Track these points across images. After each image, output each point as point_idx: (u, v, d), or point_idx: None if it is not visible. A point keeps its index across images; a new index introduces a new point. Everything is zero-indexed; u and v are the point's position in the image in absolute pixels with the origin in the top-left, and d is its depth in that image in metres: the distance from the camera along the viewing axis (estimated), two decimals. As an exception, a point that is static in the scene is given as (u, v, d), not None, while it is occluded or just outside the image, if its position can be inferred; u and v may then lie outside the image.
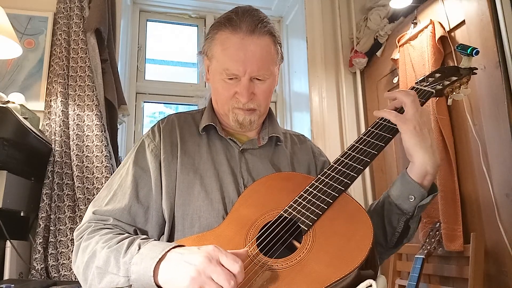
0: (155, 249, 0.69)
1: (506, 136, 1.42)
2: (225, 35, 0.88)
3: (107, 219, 0.83)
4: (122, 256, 0.71)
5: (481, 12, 1.55)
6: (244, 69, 0.86)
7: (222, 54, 0.88)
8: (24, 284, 1.32)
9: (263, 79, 0.89)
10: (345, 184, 0.77)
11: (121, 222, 0.84)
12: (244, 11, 0.88)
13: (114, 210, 0.84)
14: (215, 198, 0.86)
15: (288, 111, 2.67)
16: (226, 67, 0.87)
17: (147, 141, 0.94)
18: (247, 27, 0.86)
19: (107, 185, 0.91)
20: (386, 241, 0.89)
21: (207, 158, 0.92)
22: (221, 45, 0.88)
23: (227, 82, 0.89)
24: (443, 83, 0.93)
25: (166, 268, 0.66)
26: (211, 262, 0.62)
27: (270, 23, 0.90)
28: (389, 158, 2.11)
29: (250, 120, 0.92)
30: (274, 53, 0.91)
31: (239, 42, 0.86)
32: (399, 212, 0.84)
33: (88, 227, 0.82)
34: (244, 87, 0.87)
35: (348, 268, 0.63)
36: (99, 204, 0.87)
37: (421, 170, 0.80)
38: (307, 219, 0.73)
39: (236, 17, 0.87)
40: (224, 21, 0.88)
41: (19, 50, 1.74)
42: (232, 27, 0.87)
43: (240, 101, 0.89)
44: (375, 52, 2.25)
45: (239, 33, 0.86)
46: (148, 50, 2.64)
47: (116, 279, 0.70)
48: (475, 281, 1.43)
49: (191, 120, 1.00)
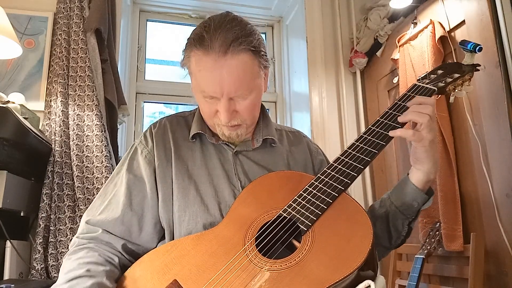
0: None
1: (506, 136, 1.42)
2: (198, 56, 0.82)
3: (96, 230, 0.84)
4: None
5: (481, 12, 1.55)
6: (221, 91, 0.81)
7: (198, 75, 0.83)
8: (24, 284, 1.32)
9: (243, 98, 0.84)
10: (345, 184, 0.77)
11: (111, 234, 0.84)
12: (217, 27, 0.80)
13: (106, 220, 0.84)
14: (211, 203, 0.86)
15: (288, 111, 2.67)
16: (203, 89, 0.84)
17: (140, 148, 0.93)
18: (219, 47, 0.78)
19: (101, 193, 0.91)
20: (390, 243, 0.91)
21: (201, 164, 0.91)
22: (196, 65, 0.83)
23: (208, 101, 0.86)
24: (445, 81, 0.92)
25: None
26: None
27: (248, 37, 0.81)
28: (389, 158, 2.11)
29: (237, 134, 0.90)
30: (254, 67, 0.84)
31: (212, 64, 0.79)
32: (404, 217, 0.87)
33: (73, 243, 0.84)
34: (224, 108, 0.83)
35: (348, 269, 0.63)
36: (92, 213, 0.87)
37: (425, 178, 0.84)
38: (307, 219, 0.73)
39: (207, 36, 0.79)
40: (196, 40, 0.81)
41: (19, 50, 1.74)
42: (204, 48, 0.80)
43: (222, 120, 0.86)
44: (375, 52, 2.25)
45: (211, 54, 0.79)
46: (148, 50, 2.64)
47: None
48: (475, 281, 1.43)
49: (184, 123, 0.98)
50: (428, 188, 0.86)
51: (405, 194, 0.85)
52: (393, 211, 0.88)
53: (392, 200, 0.88)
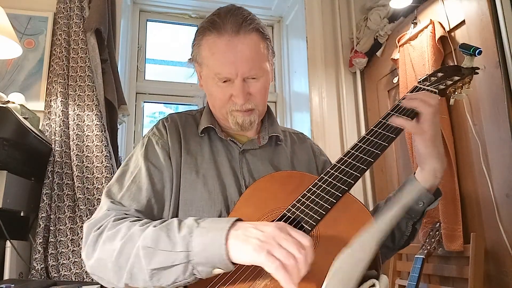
0: (219, 221, 0.68)
1: (506, 136, 1.43)
2: (211, 39, 0.86)
3: (128, 209, 0.79)
4: (177, 231, 0.67)
5: (481, 12, 1.55)
6: (236, 71, 0.84)
7: (212, 59, 0.86)
8: (24, 284, 1.32)
9: (256, 78, 0.88)
10: (348, 184, 0.77)
11: (142, 214, 0.80)
12: (226, 12, 0.86)
13: (131, 205, 0.80)
14: (217, 199, 0.86)
15: (288, 111, 2.67)
16: (217, 72, 0.86)
17: (155, 139, 0.92)
18: (231, 27, 0.84)
19: (117, 180, 0.86)
20: (394, 244, 0.90)
21: (209, 159, 0.91)
22: (208, 50, 0.86)
23: (221, 86, 0.87)
24: (445, 83, 0.92)
25: (235, 236, 0.64)
26: (282, 231, 0.61)
27: (256, 19, 0.88)
28: (389, 158, 2.12)
29: (250, 121, 0.91)
30: (263, 49, 0.88)
31: (225, 44, 0.84)
32: (408, 217, 0.86)
33: (107, 215, 0.77)
34: (239, 89, 0.86)
35: (352, 268, 0.63)
36: (114, 197, 0.82)
37: (431, 177, 0.83)
38: (311, 219, 0.73)
39: (219, 19, 0.85)
40: (208, 25, 0.86)
41: (19, 50, 1.73)
42: (217, 30, 0.84)
43: (237, 103, 0.88)
44: (375, 52, 2.26)
45: (224, 35, 0.84)
46: (148, 50, 2.64)
47: (172, 256, 0.65)
48: (475, 281, 1.43)
49: (192, 120, 0.99)
50: (436, 189, 0.85)
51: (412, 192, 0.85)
52: None
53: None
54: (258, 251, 0.60)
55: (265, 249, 0.60)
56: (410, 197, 0.83)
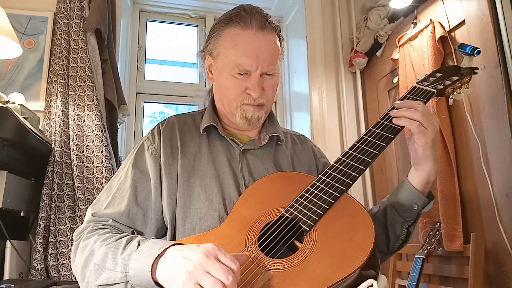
0: (154, 246, 0.70)
1: (506, 136, 1.43)
2: (235, 30, 0.88)
3: (106, 220, 0.84)
4: (120, 252, 0.71)
5: (481, 12, 1.55)
6: (257, 64, 0.87)
7: (233, 49, 0.88)
8: (24, 284, 1.32)
9: (272, 74, 0.91)
10: (346, 184, 0.77)
11: (120, 223, 0.84)
12: (251, 8, 0.90)
13: (113, 213, 0.84)
14: (216, 199, 0.86)
15: (288, 111, 2.67)
16: (238, 63, 0.88)
17: (147, 144, 0.93)
18: (257, 23, 0.88)
19: (107, 188, 0.91)
20: (388, 248, 0.91)
21: (208, 159, 0.92)
22: (231, 41, 0.89)
23: (238, 78, 0.89)
24: (444, 83, 0.92)
25: (164, 264, 0.66)
26: (209, 258, 0.62)
27: (275, 23, 0.93)
28: (389, 158, 2.12)
29: (258, 116, 0.92)
30: (279, 49, 0.93)
31: (251, 37, 0.87)
32: (402, 220, 0.86)
33: (87, 227, 0.83)
34: (256, 82, 0.88)
35: (350, 268, 0.63)
36: (98, 207, 0.87)
37: (425, 179, 0.84)
38: (309, 219, 0.73)
39: (245, 14, 0.88)
40: (233, 17, 0.89)
41: (19, 50, 1.73)
42: (244, 22, 0.88)
43: (251, 96, 0.90)
44: (375, 52, 2.25)
45: (250, 29, 0.87)
46: (148, 50, 2.64)
47: (113, 275, 0.70)
48: (475, 281, 1.43)
49: (191, 121, 1.00)
50: (428, 192, 0.86)
51: (405, 195, 0.85)
52: (391, 214, 0.88)
53: (391, 202, 0.88)
54: (186, 284, 0.61)
55: (193, 280, 0.61)
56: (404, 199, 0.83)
